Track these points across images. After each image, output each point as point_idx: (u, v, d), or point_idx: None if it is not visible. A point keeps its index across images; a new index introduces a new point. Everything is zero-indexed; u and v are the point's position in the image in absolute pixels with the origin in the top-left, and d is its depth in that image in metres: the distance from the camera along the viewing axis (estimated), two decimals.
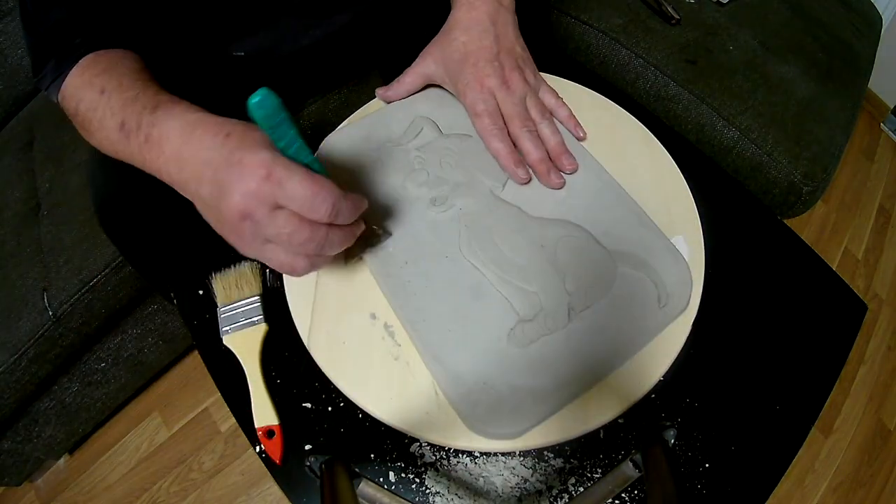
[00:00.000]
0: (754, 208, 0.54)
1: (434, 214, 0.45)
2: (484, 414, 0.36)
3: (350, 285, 0.43)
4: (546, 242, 0.43)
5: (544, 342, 0.39)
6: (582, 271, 0.41)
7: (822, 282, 0.51)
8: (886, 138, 1.63)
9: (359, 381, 0.39)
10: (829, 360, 0.46)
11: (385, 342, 0.41)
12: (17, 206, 0.92)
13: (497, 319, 0.40)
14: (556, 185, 0.45)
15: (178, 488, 1.09)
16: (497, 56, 0.46)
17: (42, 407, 0.94)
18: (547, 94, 0.49)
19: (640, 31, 0.89)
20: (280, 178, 0.31)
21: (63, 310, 0.82)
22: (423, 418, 0.38)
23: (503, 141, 0.46)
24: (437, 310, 0.40)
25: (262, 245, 0.34)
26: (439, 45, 0.49)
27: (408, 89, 0.51)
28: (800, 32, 0.94)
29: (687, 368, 0.42)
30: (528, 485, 0.40)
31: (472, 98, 0.46)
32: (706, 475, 0.40)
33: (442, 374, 0.38)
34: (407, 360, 0.40)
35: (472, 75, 0.46)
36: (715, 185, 0.54)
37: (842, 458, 1.12)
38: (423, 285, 0.41)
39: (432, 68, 0.49)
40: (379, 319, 0.42)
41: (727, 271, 0.47)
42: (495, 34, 0.47)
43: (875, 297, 1.34)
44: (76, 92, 0.43)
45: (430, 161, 0.47)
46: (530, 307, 0.40)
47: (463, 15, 0.47)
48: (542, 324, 0.39)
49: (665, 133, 0.51)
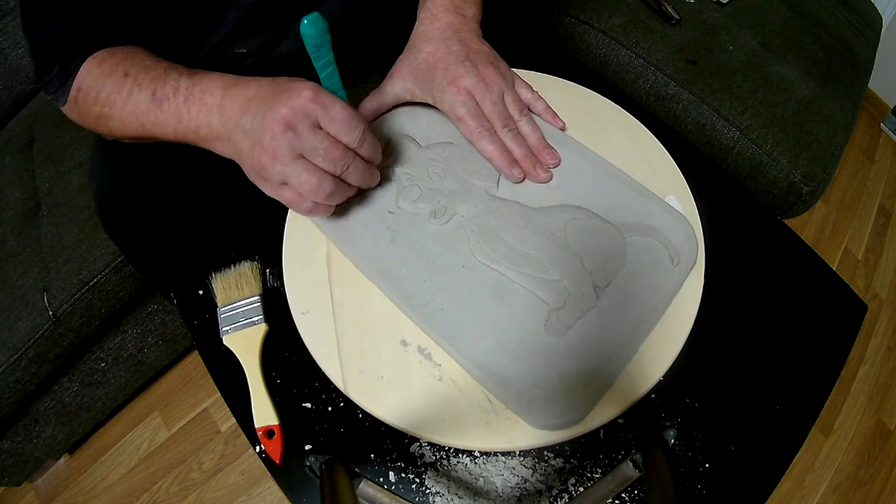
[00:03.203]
0: (754, 208, 0.54)
1: (437, 227, 0.44)
2: (542, 409, 0.37)
3: (370, 316, 0.42)
4: (554, 230, 0.43)
5: (580, 325, 0.39)
6: (595, 249, 0.42)
7: (822, 282, 0.51)
8: (886, 138, 1.63)
9: (407, 411, 0.38)
10: (829, 360, 0.46)
11: (423, 365, 0.40)
12: (17, 206, 0.93)
13: (529, 315, 0.40)
14: (543, 179, 0.46)
15: (178, 488, 1.09)
16: (467, 56, 0.46)
17: (42, 407, 0.95)
18: (522, 88, 0.49)
19: (640, 31, 0.89)
20: (324, 102, 0.37)
21: (63, 310, 0.82)
22: (486, 430, 0.38)
23: (493, 142, 0.46)
24: (467, 320, 0.40)
25: (293, 161, 0.37)
26: (405, 61, 0.48)
27: (374, 111, 0.50)
28: (800, 32, 0.94)
29: (687, 368, 0.42)
30: (528, 485, 0.40)
31: (449, 101, 0.46)
32: (706, 475, 0.40)
33: (491, 381, 0.38)
34: (451, 377, 0.39)
35: (446, 79, 0.45)
36: (715, 185, 0.54)
37: (842, 458, 1.12)
38: (447, 300, 0.41)
39: (400, 85, 0.48)
40: (411, 345, 0.41)
41: (727, 271, 0.47)
42: (460, 39, 0.47)
43: (875, 297, 1.34)
44: (95, 82, 0.44)
45: (418, 175, 0.47)
46: (558, 295, 0.40)
47: (426, 28, 0.48)
48: (574, 308, 0.40)
49: (665, 133, 0.51)
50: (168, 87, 0.42)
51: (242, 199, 0.48)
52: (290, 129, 0.36)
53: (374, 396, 0.39)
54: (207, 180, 0.53)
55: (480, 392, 0.39)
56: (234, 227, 0.52)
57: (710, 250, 0.45)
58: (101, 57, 0.45)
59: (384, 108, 0.51)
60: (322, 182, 0.38)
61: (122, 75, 0.43)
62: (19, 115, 1.09)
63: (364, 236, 0.44)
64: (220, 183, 0.50)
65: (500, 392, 0.38)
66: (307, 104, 0.36)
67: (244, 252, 0.50)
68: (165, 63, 0.44)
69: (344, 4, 0.56)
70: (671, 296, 0.41)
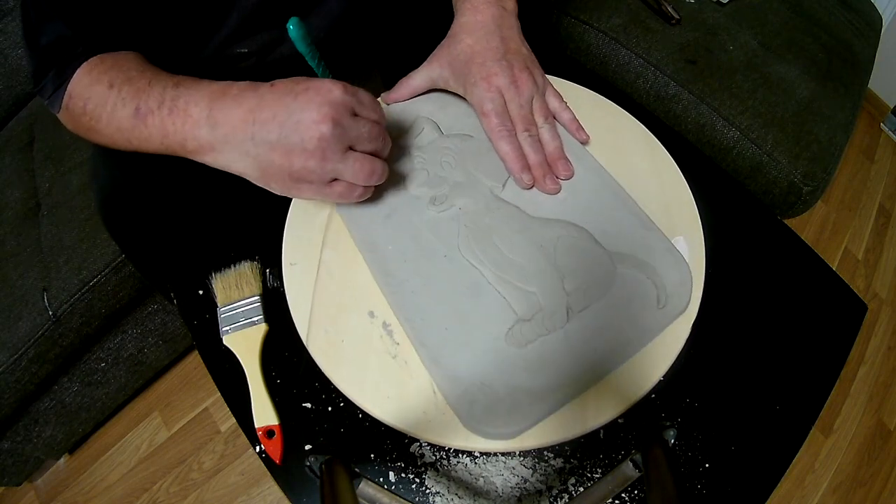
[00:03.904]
0: (754, 208, 0.54)
1: (433, 213, 0.45)
2: (481, 414, 0.36)
3: (349, 284, 0.43)
4: (545, 242, 0.43)
5: (543, 342, 0.39)
6: (581, 271, 0.41)
7: (822, 282, 0.51)
8: (886, 138, 1.63)
9: (356, 380, 0.39)
10: (829, 360, 0.46)
11: (383, 341, 0.41)
12: (17, 206, 0.93)
13: (495, 319, 0.40)
14: (552, 190, 0.46)
15: (178, 488, 1.09)
16: (505, 55, 0.46)
17: (42, 407, 0.95)
18: (552, 96, 0.49)
19: (640, 31, 0.89)
20: (353, 90, 0.38)
21: (63, 310, 0.82)
22: (422, 418, 0.38)
23: (511, 143, 0.46)
24: (434, 309, 0.40)
25: (343, 156, 0.37)
26: (445, 49, 0.49)
27: (411, 92, 0.52)
28: (800, 32, 0.94)
29: (687, 368, 0.42)
30: (528, 485, 0.40)
31: (479, 96, 0.46)
32: (706, 475, 0.40)
33: (439, 373, 0.38)
34: (405, 358, 0.40)
35: (480, 74, 0.46)
36: (715, 185, 0.54)
37: (842, 458, 1.12)
38: (421, 284, 0.41)
39: (437, 72, 0.49)
40: (377, 318, 0.42)
41: (727, 271, 0.47)
42: (501, 36, 0.47)
43: (875, 297, 1.34)
44: (83, 91, 0.44)
45: (430, 160, 0.47)
46: (529, 307, 0.40)
47: (468, 19, 0.48)
48: (540, 324, 0.39)
49: (665, 133, 0.51)
50: (152, 100, 0.40)
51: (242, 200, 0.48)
52: (337, 125, 0.36)
53: (332, 358, 0.40)
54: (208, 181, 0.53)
55: (428, 381, 0.39)
56: (234, 227, 0.52)
57: (710, 250, 0.45)
58: (93, 64, 0.44)
59: (419, 90, 0.52)
60: (374, 165, 0.39)
61: (107, 86, 0.42)
62: (19, 115, 1.09)
63: (364, 207, 0.45)
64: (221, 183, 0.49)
65: (445, 385, 0.38)
66: (343, 97, 0.37)
67: (244, 252, 0.50)
68: (151, 73, 0.43)
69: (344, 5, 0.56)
70: (649, 337, 0.39)
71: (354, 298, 0.43)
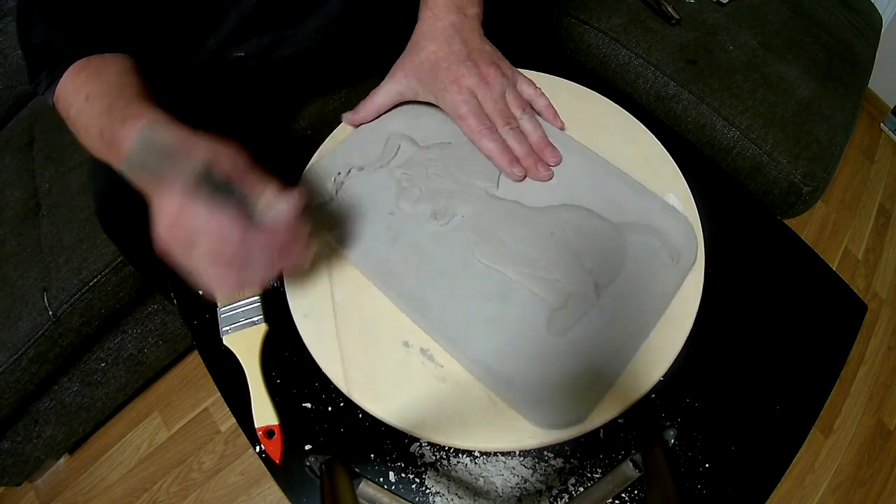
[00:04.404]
0: (754, 208, 0.54)
1: (437, 228, 0.44)
2: (546, 408, 0.37)
3: (373, 321, 0.42)
4: (554, 230, 0.43)
5: (581, 324, 0.39)
6: (595, 249, 0.42)
7: (822, 282, 0.51)
8: (886, 138, 1.63)
9: (411, 414, 0.38)
10: (829, 360, 0.46)
11: (426, 367, 0.40)
12: (17, 206, 0.93)
13: (531, 314, 0.40)
14: (545, 177, 0.46)
15: (178, 488, 1.09)
16: (469, 56, 0.46)
17: (42, 407, 0.95)
18: (524, 85, 0.49)
19: (640, 31, 0.89)
20: (185, 223, 0.33)
21: (63, 310, 0.82)
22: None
23: (494, 140, 0.46)
24: (470, 321, 0.40)
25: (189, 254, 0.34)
26: (408, 59, 0.48)
27: (377, 109, 0.50)
28: (800, 32, 0.94)
29: (687, 368, 0.42)
30: (528, 485, 0.40)
31: (452, 101, 0.46)
32: (706, 475, 0.40)
33: (495, 382, 0.38)
34: (455, 378, 0.39)
35: (448, 78, 0.46)
36: (715, 185, 0.54)
37: (842, 458, 1.12)
38: (449, 301, 0.41)
39: (404, 83, 0.48)
40: (413, 346, 0.41)
41: (727, 271, 0.47)
42: (462, 39, 0.47)
43: (875, 297, 1.34)
44: (67, 97, 0.43)
45: (417, 176, 0.46)
46: (558, 295, 0.40)
47: (428, 27, 0.48)
48: (574, 307, 0.40)
49: (665, 133, 0.51)
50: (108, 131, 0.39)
51: None
52: (169, 255, 0.34)
53: (377, 398, 0.39)
54: None
55: (483, 392, 0.39)
56: None
57: (710, 250, 0.45)
58: (77, 68, 0.44)
59: (386, 107, 0.51)
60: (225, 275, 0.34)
61: (84, 98, 0.42)
62: (19, 115, 1.09)
63: (365, 238, 0.44)
64: None
65: (504, 392, 0.38)
66: (168, 231, 0.34)
67: None
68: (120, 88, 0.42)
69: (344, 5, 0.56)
70: (671, 294, 0.41)
71: (383, 333, 0.41)
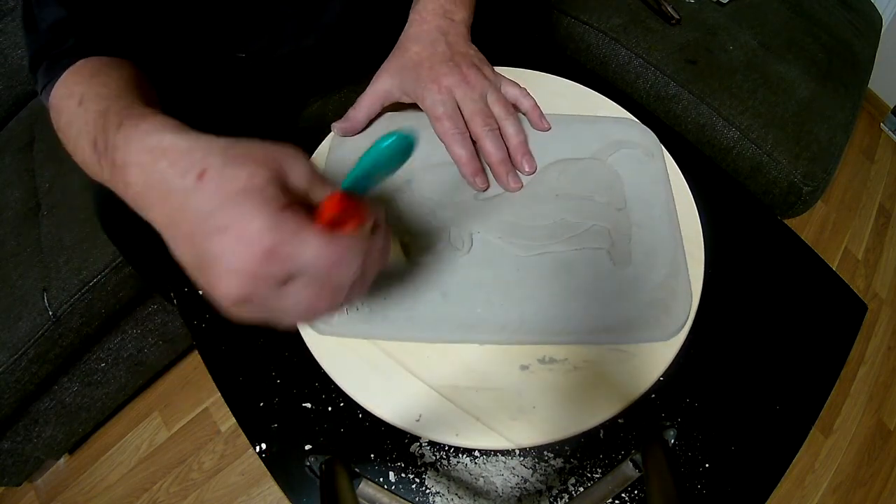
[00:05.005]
0: (754, 208, 0.54)
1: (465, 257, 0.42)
2: (668, 319, 0.40)
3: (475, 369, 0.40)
4: (555, 190, 0.46)
5: (635, 246, 0.43)
6: (595, 184, 0.46)
7: (822, 282, 0.51)
8: (886, 138, 1.63)
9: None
10: (829, 360, 0.46)
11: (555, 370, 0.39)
12: (17, 206, 0.92)
13: (598, 266, 0.42)
14: (513, 189, 0.45)
15: (178, 488, 1.09)
16: (451, 58, 0.46)
17: (42, 407, 0.95)
18: (509, 86, 0.49)
19: (640, 31, 0.89)
20: (288, 254, 0.24)
21: (63, 310, 0.82)
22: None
23: (464, 147, 0.45)
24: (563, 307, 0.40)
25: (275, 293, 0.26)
26: (393, 60, 0.48)
27: (366, 114, 0.49)
28: (800, 32, 0.94)
29: (687, 368, 0.42)
30: (528, 485, 0.40)
31: (430, 100, 0.45)
32: (706, 475, 0.40)
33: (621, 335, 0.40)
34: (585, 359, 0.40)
35: (429, 77, 0.45)
36: (715, 185, 0.54)
37: (842, 458, 1.12)
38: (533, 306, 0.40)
39: (388, 83, 0.48)
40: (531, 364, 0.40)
41: (727, 271, 0.47)
42: (447, 42, 0.47)
43: (875, 297, 1.34)
44: (59, 103, 0.40)
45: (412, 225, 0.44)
46: (602, 236, 0.43)
47: (415, 30, 0.48)
48: (620, 237, 0.43)
49: (665, 133, 0.51)
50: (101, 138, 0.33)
51: None
52: (246, 302, 0.25)
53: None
54: None
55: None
56: None
57: (711, 250, 0.45)
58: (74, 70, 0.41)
59: (375, 110, 0.49)
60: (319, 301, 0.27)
61: (77, 102, 0.37)
62: (19, 115, 1.09)
63: (417, 314, 0.41)
64: None
65: (631, 335, 0.40)
66: (260, 268, 0.24)
67: None
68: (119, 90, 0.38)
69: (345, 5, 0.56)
70: (667, 181, 0.47)
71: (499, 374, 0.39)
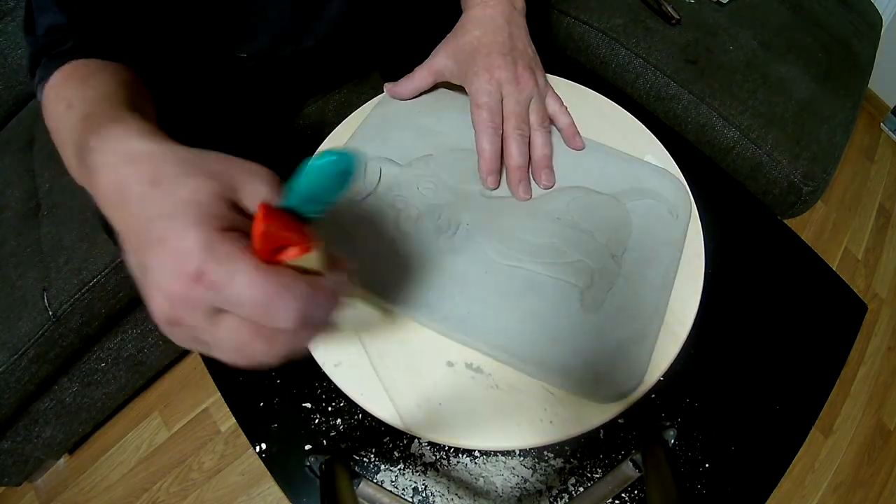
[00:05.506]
0: (754, 208, 0.54)
1: (445, 241, 0.43)
2: (609, 381, 0.38)
3: (408, 349, 0.40)
4: (559, 214, 0.44)
5: (612, 296, 0.41)
6: (602, 222, 0.44)
7: (822, 282, 0.51)
8: (886, 138, 1.63)
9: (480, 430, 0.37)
10: (829, 360, 0.46)
11: (476, 380, 0.39)
12: (17, 206, 0.92)
13: (564, 300, 0.41)
14: (522, 197, 0.45)
15: (178, 488, 1.09)
16: (511, 51, 0.46)
17: (42, 407, 0.94)
18: (552, 100, 0.49)
19: (640, 31, 0.89)
20: (215, 283, 0.21)
21: (63, 310, 0.82)
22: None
23: (493, 143, 0.45)
24: (512, 323, 0.40)
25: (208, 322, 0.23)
26: (452, 39, 0.48)
27: (418, 85, 0.50)
28: (800, 32, 0.94)
29: (687, 368, 0.42)
30: (528, 485, 0.40)
31: (478, 86, 0.45)
32: (706, 475, 0.40)
33: (552, 374, 0.38)
34: (509, 382, 0.39)
35: (483, 65, 0.45)
36: (715, 185, 0.54)
37: (842, 458, 1.12)
38: (483, 310, 0.40)
39: (443, 62, 0.48)
40: (457, 363, 0.40)
41: (727, 271, 0.47)
42: (509, 32, 0.47)
43: (875, 297, 1.34)
44: (49, 106, 0.39)
45: (410, 195, 0.45)
46: (584, 275, 0.41)
47: (477, 13, 0.48)
48: (601, 282, 0.41)
49: (665, 133, 0.51)
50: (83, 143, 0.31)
51: None
52: (175, 325, 0.23)
53: (443, 426, 0.38)
54: None
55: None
56: None
57: (711, 250, 0.45)
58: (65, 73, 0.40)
59: (426, 85, 0.50)
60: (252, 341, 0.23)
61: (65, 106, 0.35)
62: (19, 115, 1.09)
63: (377, 270, 0.41)
64: None
65: (564, 381, 0.38)
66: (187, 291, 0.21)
67: None
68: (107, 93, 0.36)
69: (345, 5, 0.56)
70: (680, 247, 0.44)
71: (423, 359, 0.40)
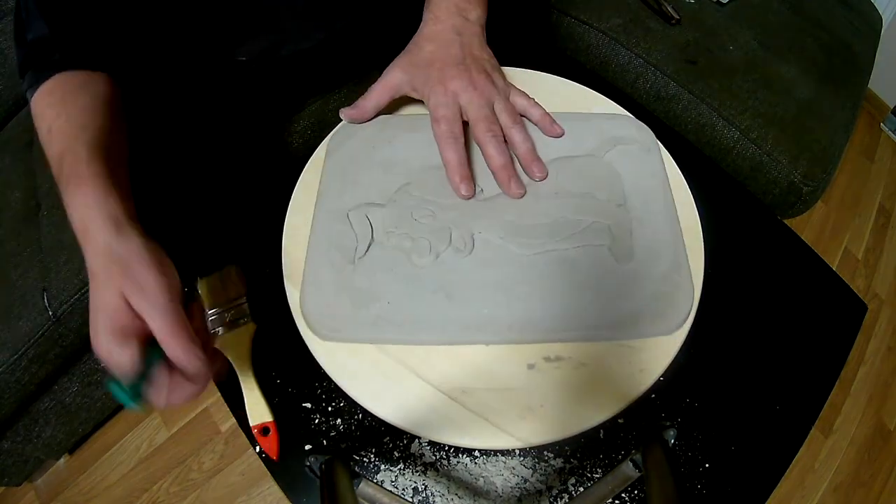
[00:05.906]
0: (754, 208, 0.54)
1: (467, 258, 0.42)
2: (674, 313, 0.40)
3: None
4: (555, 188, 0.45)
5: (636, 241, 0.43)
6: (594, 181, 0.46)
7: (822, 282, 0.51)
8: (886, 138, 1.63)
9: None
10: (829, 360, 0.46)
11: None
12: (17, 206, 0.92)
13: (600, 263, 0.42)
14: (516, 195, 0.44)
15: (178, 488, 1.09)
16: (463, 61, 0.46)
17: (42, 407, 0.94)
18: (518, 96, 0.48)
19: (640, 31, 0.89)
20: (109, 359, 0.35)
21: (63, 310, 0.82)
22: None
23: (456, 151, 0.44)
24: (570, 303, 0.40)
25: None
26: (406, 56, 0.48)
27: (376, 102, 0.49)
28: (800, 32, 0.94)
29: (687, 368, 0.42)
30: (528, 485, 0.40)
31: (434, 101, 0.45)
32: (706, 475, 0.40)
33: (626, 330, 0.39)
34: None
35: (438, 79, 0.45)
36: (715, 185, 0.54)
37: (842, 458, 1.12)
38: (538, 303, 0.40)
39: (399, 77, 0.48)
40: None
41: (727, 271, 0.47)
42: (461, 43, 0.47)
43: (875, 297, 1.34)
44: (36, 118, 0.42)
45: (412, 229, 0.43)
46: (603, 233, 0.43)
47: (430, 29, 0.48)
48: (620, 233, 0.43)
49: (665, 133, 0.51)
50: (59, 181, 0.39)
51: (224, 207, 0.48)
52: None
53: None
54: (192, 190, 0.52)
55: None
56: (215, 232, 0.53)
57: (711, 250, 0.45)
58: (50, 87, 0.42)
59: (383, 102, 0.49)
60: None
61: (46, 130, 0.40)
62: (19, 115, 1.09)
63: (423, 316, 0.40)
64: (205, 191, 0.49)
65: (637, 330, 0.39)
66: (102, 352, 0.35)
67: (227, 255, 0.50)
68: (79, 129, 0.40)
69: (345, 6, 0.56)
70: (664, 177, 0.47)
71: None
